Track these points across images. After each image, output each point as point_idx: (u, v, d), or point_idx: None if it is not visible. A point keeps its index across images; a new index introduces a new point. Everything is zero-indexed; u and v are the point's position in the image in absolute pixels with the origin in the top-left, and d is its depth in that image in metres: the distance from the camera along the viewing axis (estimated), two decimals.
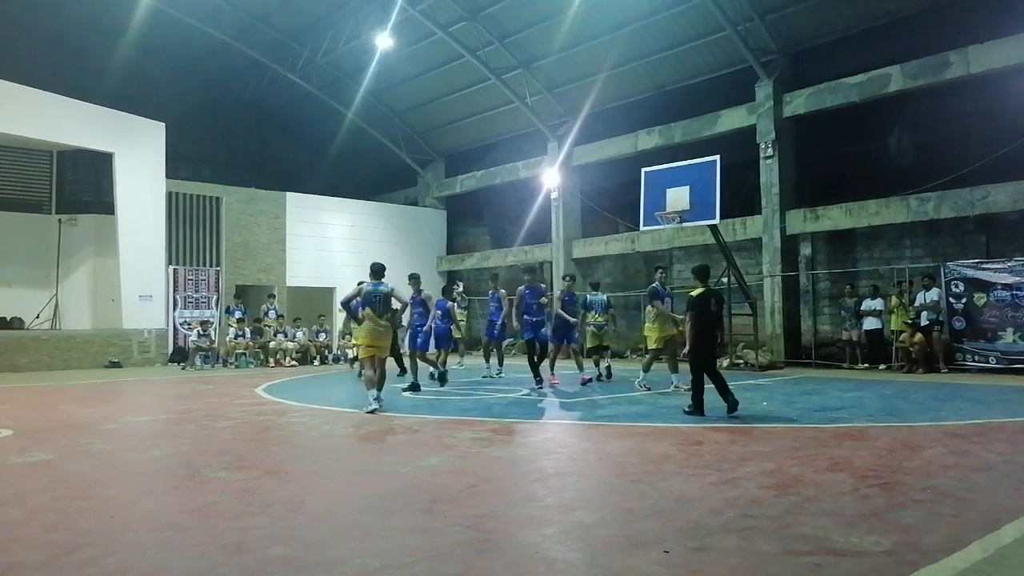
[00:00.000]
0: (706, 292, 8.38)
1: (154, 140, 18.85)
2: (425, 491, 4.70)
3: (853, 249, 16.45)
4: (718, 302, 8.48)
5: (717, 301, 8.47)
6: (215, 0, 20.11)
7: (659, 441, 6.53)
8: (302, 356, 18.82)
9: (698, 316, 8.22)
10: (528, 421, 8.05)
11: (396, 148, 24.73)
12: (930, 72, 14.00)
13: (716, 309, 8.37)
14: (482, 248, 24.74)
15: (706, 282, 8.60)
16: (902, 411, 8.36)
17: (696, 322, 8.22)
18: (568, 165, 20.97)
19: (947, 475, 5.00)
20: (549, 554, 3.49)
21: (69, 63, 21.61)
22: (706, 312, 8.23)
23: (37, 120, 16.77)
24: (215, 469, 5.51)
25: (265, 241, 21.22)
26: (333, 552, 3.52)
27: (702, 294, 8.35)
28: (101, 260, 18.93)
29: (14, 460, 5.94)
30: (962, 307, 13.49)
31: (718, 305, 8.44)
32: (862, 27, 15.35)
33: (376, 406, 8.62)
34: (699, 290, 8.38)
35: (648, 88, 19.23)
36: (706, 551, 3.46)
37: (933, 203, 14.16)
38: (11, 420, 8.28)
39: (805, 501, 4.32)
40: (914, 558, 3.32)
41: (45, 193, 19.18)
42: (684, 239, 17.96)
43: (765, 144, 16.25)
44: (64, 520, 4.15)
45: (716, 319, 8.44)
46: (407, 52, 20.93)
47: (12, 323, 17.59)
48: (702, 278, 8.61)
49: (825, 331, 16.66)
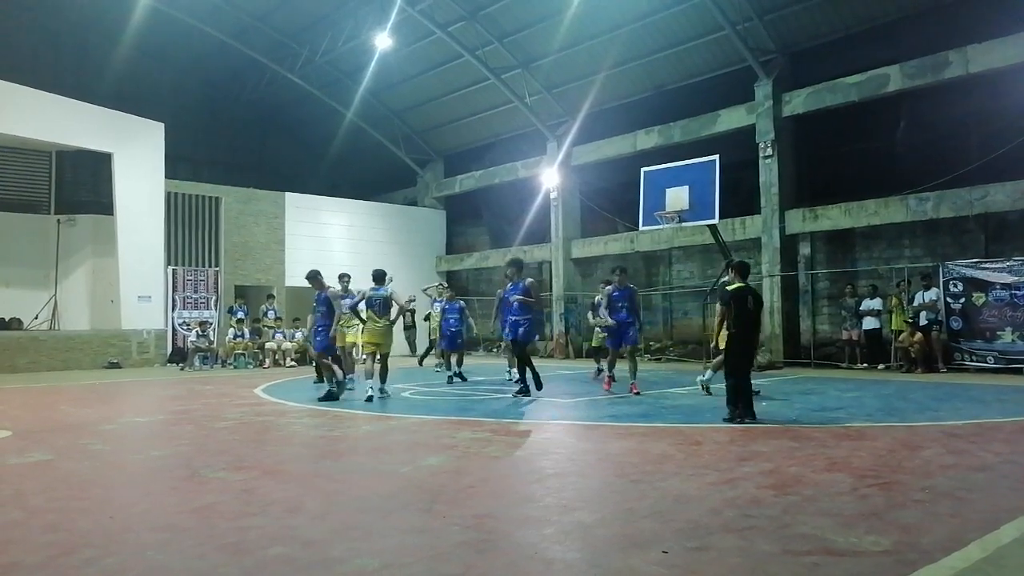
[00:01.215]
0: (744, 288, 7.70)
1: (153, 140, 18.85)
2: (424, 491, 4.70)
3: (852, 249, 16.46)
4: (756, 301, 7.78)
5: (755, 300, 7.77)
6: (215, 0, 20.12)
7: (658, 441, 6.53)
8: (301, 356, 18.81)
9: (738, 314, 7.56)
10: (528, 421, 8.04)
11: (395, 148, 24.73)
12: (929, 72, 14.01)
13: (754, 308, 7.64)
14: (481, 248, 24.74)
15: (745, 279, 7.91)
16: (901, 411, 8.36)
17: (736, 320, 7.55)
18: (567, 165, 20.98)
19: (946, 475, 5.00)
20: (548, 554, 3.49)
21: (68, 63, 21.61)
22: (743, 309, 7.59)
23: (36, 120, 16.78)
24: (214, 469, 5.51)
25: (264, 241, 21.22)
26: (332, 552, 3.52)
27: (739, 290, 7.69)
28: (100, 260, 18.93)
29: (13, 461, 5.93)
30: (960, 307, 13.50)
31: (756, 304, 7.73)
32: (861, 27, 15.36)
33: (373, 394, 8.98)
34: (737, 285, 7.75)
35: (647, 88, 19.24)
36: (705, 551, 3.47)
37: (932, 203, 14.17)
38: (10, 421, 8.28)
39: (804, 501, 4.32)
40: (913, 558, 3.32)
41: (44, 193, 19.17)
42: (683, 239, 17.96)
43: (764, 144, 16.26)
44: (63, 520, 4.15)
45: (755, 320, 7.71)
46: (406, 52, 20.93)
47: (11, 324, 17.59)
48: (742, 274, 7.94)
49: (824, 331, 16.67)
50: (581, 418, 8.27)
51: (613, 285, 10.75)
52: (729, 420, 7.39)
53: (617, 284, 10.62)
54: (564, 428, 7.71)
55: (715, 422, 7.53)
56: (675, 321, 19.90)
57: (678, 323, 19.81)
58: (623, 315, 10.42)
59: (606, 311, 10.64)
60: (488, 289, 24.62)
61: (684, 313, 19.63)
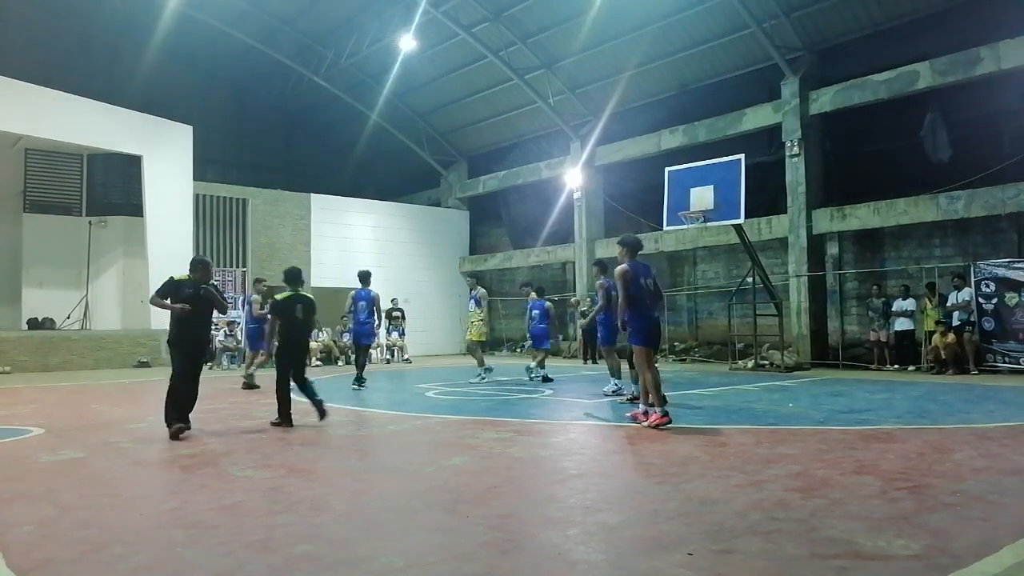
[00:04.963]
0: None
1: (182, 143, 19.13)
2: (448, 491, 4.71)
3: (881, 248, 16.22)
4: None
5: None
6: (241, 5, 20.36)
7: (683, 442, 6.48)
8: (326, 356, 18.96)
9: None
10: (551, 422, 8.04)
11: (419, 149, 24.84)
12: (960, 68, 13.75)
13: None
14: (504, 248, 24.76)
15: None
16: (931, 413, 8.22)
17: None
18: (591, 165, 20.92)
19: (977, 479, 4.91)
20: (572, 555, 3.48)
21: (99, 68, 22.00)
22: None
23: (68, 124, 17.11)
24: (241, 468, 5.57)
25: (290, 242, 21.45)
26: (357, 550, 3.55)
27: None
28: (130, 261, 19.25)
29: (46, 458, 6.05)
30: (993, 307, 13.24)
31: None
32: (890, 23, 15.12)
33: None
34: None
35: (672, 87, 19.12)
36: (731, 553, 3.43)
37: (963, 201, 13.91)
38: (43, 419, 8.45)
39: (832, 504, 4.27)
40: (944, 562, 3.27)
41: (76, 195, 19.53)
42: (708, 239, 17.83)
43: (791, 142, 16.08)
44: (95, 517, 4.22)
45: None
46: (430, 53, 21.02)
47: (44, 323, 17.95)
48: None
49: (852, 332, 16.45)
50: (604, 419, 8.23)
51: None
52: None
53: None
54: (588, 428, 7.69)
55: (742, 424, 7.46)
56: (700, 321, 19.76)
57: (703, 323, 19.67)
58: (600, 315, 10.20)
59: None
60: (512, 290, 24.65)
61: (709, 313, 19.49)
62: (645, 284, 7.51)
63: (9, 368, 15.89)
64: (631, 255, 7.57)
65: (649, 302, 7.51)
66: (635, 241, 7.78)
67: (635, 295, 7.39)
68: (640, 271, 7.54)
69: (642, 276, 7.51)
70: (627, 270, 7.41)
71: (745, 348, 16.65)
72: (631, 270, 7.44)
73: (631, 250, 7.60)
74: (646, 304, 7.46)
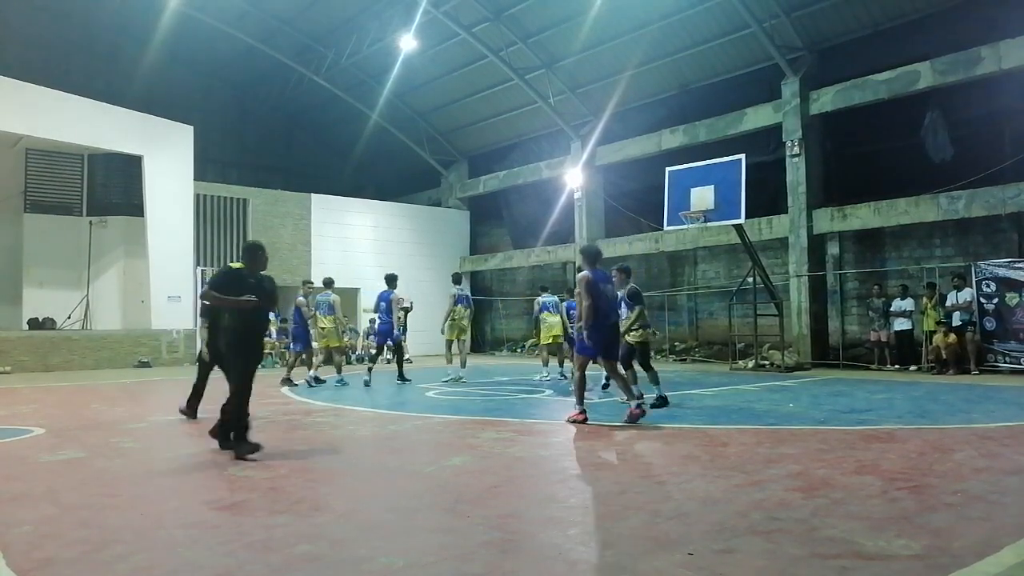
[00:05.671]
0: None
1: (182, 143, 19.14)
2: (448, 491, 4.71)
3: (882, 248, 16.22)
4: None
5: None
6: (242, 5, 20.37)
7: (683, 442, 6.48)
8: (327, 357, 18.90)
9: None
10: (551, 422, 8.04)
11: (420, 149, 24.84)
12: (961, 68, 13.75)
13: None
14: (505, 248, 24.76)
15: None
16: (932, 413, 8.22)
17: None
18: (591, 165, 20.92)
19: (978, 478, 4.90)
20: (572, 555, 3.48)
21: (100, 68, 22.02)
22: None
23: (69, 124, 17.13)
24: (242, 468, 5.57)
25: (290, 242, 21.45)
26: (358, 550, 3.55)
27: None
28: (131, 261, 19.27)
29: (47, 458, 6.05)
30: (993, 307, 13.24)
31: None
32: (890, 23, 15.12)
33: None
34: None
35: (672, 87, 19.12)
36: (731, 553, 3.43)
37: (964, 201, 13.90)
38: (43, 419, 8.44)
39: (832, 504, 4.26)
40: (944, 562, 3.26)
41: (77, 195, 19.54)
42: (708, 239, 17.82)
43: (791, 142, 16.08)
44: (95, 517, 4.22)
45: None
46: (431, 53, 21.02)
47: (44, 323, 17.95)
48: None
49: (853, 332, 16.44)
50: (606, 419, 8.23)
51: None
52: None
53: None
54: (589, 428, 7.68)
55: (742, 424, 7.46)
56: (700, 321, 19.76)
57: (703, 323, 19.66)
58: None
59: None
60: (512, 290, 24.66)
61: (709, 313, 19.48)
62: (604, 291, 7.72)
63: (10, 368, 15.91)
64: (590, 264, 7.78)
65: (606, 309, 7.69)
66: (595, 250, 8.15)
67: (597, 303, 7.54)
68: (600, 278, 7.72)
69: (602, 283, 7.71)
70: (589, 277, 7.60)
71: (745, 348, 16.65)
72: (592, 277, 7.62)
73: (591, 259, 7.83)
74: (603, 311, 7.63)
